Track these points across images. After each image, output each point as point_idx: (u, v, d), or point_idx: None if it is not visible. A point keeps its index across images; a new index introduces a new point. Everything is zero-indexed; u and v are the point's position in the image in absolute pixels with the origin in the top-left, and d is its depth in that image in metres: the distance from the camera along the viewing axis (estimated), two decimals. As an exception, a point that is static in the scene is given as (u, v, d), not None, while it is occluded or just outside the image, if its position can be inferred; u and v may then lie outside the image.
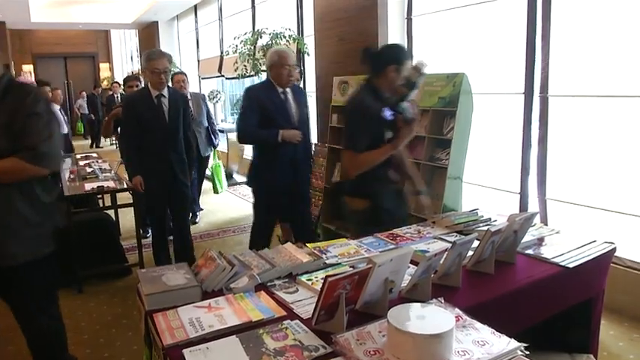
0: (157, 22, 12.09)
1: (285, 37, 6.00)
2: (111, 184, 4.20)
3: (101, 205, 5.66)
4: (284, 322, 1.54)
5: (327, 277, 1.38)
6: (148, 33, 12.62)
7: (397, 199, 2.72)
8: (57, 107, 7.24)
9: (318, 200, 5.16)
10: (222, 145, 7.36)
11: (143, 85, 4.31)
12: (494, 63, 4.23)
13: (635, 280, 3.20)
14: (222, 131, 7.64)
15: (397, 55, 2.63)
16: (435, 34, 4.77)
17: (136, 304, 1.86)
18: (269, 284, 1.84)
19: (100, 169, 4.85)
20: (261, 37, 6.30)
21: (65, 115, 8.73)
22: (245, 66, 6.50)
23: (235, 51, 6.55)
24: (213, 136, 5.83)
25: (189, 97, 4.74)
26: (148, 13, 11.09)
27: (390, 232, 2.41)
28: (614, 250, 2.24)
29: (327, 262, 2.01)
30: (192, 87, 10.77)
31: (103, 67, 17.88)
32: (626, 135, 3.41)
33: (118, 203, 4.85)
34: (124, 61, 17.34)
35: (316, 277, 1.86)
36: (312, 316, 1.49)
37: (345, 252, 2.11)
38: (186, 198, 4.08)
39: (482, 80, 4.08)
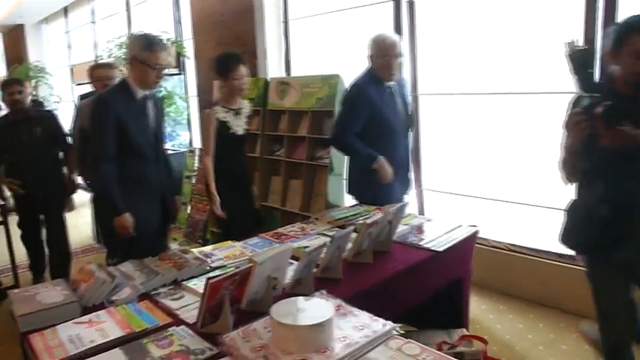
0: (23, 25, 11.13)
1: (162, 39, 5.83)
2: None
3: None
4: (169, 329, 1.53)
5: (207, 279, 1.39)
6: (14, 37, 11.56)
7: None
8: None
9: (205, 205, 5.09)
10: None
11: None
12: (366, 64, 4.44)
13: (499, 258, 3.54)
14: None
15: None
16: (311, 37, 4.92)
17: (13, 327, 1.73)
18: (153, 293, 1.81)
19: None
20: (136, 41, 6.06)
21: None
22: (121, 70, 6.22)
23: (110, 55, 6.25)
24: None
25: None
26: (12, 15, 10.14)
27: (275, 231, 2.46)
28: (477, 232, 2.48)
29: (212, 265, 2.01)
30: (64, 93, 10.12)
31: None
32: (489, 128, 3.76)
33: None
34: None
35: (201, 281, 1.85)
36: (197, 319, 1.50)
37: (230, 254, 2.13)
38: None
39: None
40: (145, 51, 2.54)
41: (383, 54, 2.87)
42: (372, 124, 2.92)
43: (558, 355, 2.78)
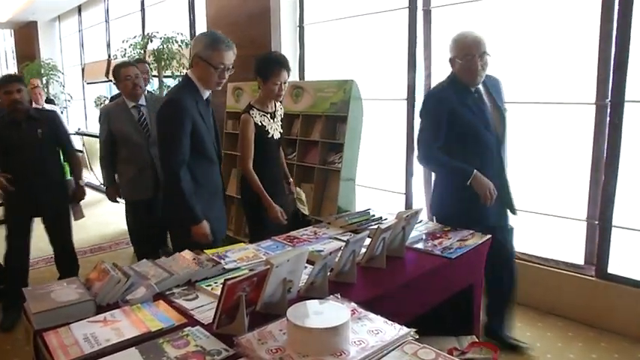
0: (36, 22, 11.22)
1: (177, 41, 5.89)
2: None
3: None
4: (185, 329, 1.54)
5: (225, 280, 1.40)
6: (26, 34, 11.66)
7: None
8: None
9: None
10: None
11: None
12: (380, 71, 4.47)
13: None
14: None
15: None
16: (326, 42, 4.94)
17: (24, 325, 1.75)
18: (167, 293, 1.82)
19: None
20: (151, 41, 6.12)
21: None
22: (149, 64, 6.28)
23: (124, 55, 6.30)
24: None
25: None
26: (24, 12, 10.22)
27: (288, 234, 2.47)
28: (489, 240, 2.47)
29: (226, 267, 2.02)
30: (76, 92, 10.17)
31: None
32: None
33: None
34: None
35: (216, 283, 1.87)
36: (213, 320, 1.51)
37: (243, 256, 2.14)
38: None
39: (371, 87, 4.30)
40: (208, 49, 2.46)
41: (464, 54, 2.52)
42: (456, 137, 2.62)
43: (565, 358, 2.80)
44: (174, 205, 2.53)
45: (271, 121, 3.10)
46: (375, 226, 2.37)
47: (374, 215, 2.70)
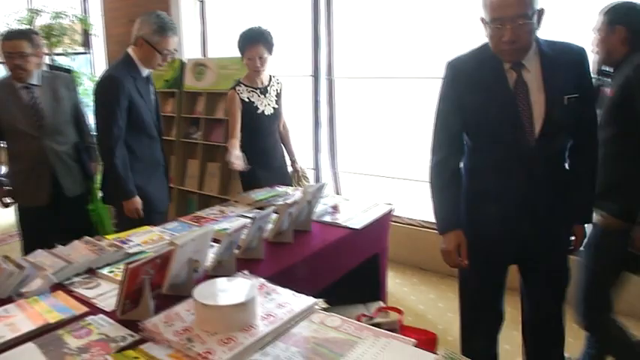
0: None
1: (67, 15, 5.51)
2: None
3: None
4: (86, 318, 1.48)
5: (127, 264, 1.36)
6: None
7: None
8: None
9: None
10: None
11: None
12: (285, 47, 4.45)
13: (412, 235, 3.72)
14: None
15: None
16: (229, 17, 4.83)
17: None
18: (67, 283, 1.73)
19: None
20: (39, 16, 5.67)
21: None
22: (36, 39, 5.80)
23: (9, 31, 5.78)
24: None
25: None
26: None
27: (194, 214, 2.44)
28: (392, 210, 2.59)
29: (129, 251, 1.96)
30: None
31: None
32: (401, 111, 3.91)
33: None
34: None
35: (118, 269, 1.80)
36: (116, 307, 1.46)
37: (148, 239, 2.08)
38: None
39: (276, 63, 4.27)
40: (155, 35, 2.50)
41: (491, 18, 1.69)
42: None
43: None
44: (109, 180, 2.60)
45: (262, 96, 3.05)
46: (282, 202, 2.39)
47: (281, 191, 2.72)
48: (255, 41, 2.93)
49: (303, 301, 1.48)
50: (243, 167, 2.79)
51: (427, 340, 2.50)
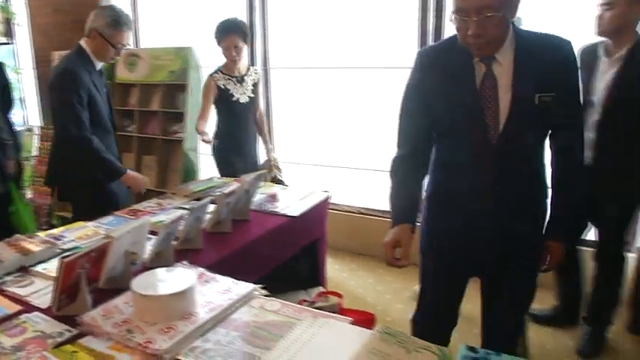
0: None
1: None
2: None
3: None
4: (20, 316, 1.45)
5: (61, 259, 1.35)
6: None
7: None
8: None
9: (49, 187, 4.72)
10: None
11: None
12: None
13: (350, 222, 3.81)
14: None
15: None
16: (162, 8, 4.72)
17: None
18: (-3, 282, 1.69)
19: None
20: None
21: None
22: None
23: None
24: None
25: None
26: None
27: (130, 208, 2.41)
28: (329, 197, 2.66)
29: (63, 247, 1.92)
30: None
31: None
32: (338, 101, 3.98)
33: None
34: None
35: (53, 265, 1.77)
36: (52, 303, 1.44)
37: (82, 235, 2.04)
38: None
39: (210, 54, 4.24)
40: (110, 28, 2.50)
41: (456, 8, 1.52)
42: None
43: (401, 301, 3.13)
44: (92, 165, 2.55)
45: (238, 85, 3.20)
46: (220, 192, 2.41)
47: (219, 182, 2.73)
48: (230, 31, 3.06)
49: (243, 287, 1.52)
50: (209, 140, 3.11)
51: (366, 320, 2.60)
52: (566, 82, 1.62)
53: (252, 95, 3.26)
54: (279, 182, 3.38)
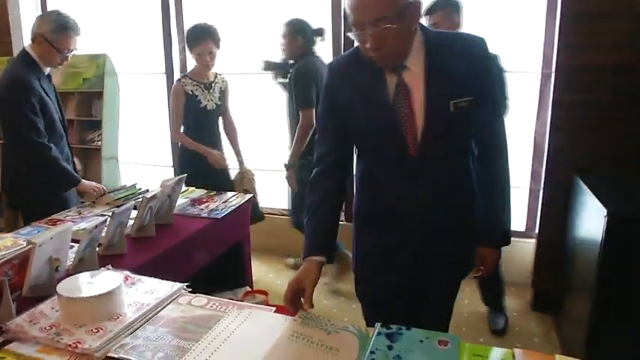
0: None
1: None
2: None
3: None
4: (-62, 329, 1.43)
5: (-17, 267, 1.35)
6: None
7: None
8: None
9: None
10: None
11: None
12: (135, 44, 4.38)
13: (274, 224, 3.90)
14: None
15: None
16: (73, 13, 4.59)
17: None
18: None
19: None
20: None
21: None
22: None
23: None
24: None
25: None
26: None
27: (49, 218, 2.38)
28: (251, 199, 2.75)
29: (-20, 259, 1.88)
30: None
31: None
32: (256, 105, 4.06)
33: None
34: None
35: (-31, 278, 1.74)
36: (-27, 313, 1.43)
37: (1, 246, 2.00)
38: None
39: (126, 62, 4.20)
40: (55, 33, 2.46)
41: (351, 22, 1.46)
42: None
43: (327, 296, 3.29)
44: (48, 173, 2.53)
45: (205, 91, 3.11)
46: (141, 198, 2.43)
47: (140, 189, 2.75)
48: (203, 37, 3.01)
49: (169, 286, 1.58)
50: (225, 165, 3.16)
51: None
52: (482, 82, 1.53)
53: (219, 103, 3.18)
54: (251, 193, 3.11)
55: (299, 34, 3.15)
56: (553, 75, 2.96)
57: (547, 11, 3.13)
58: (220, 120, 3.27)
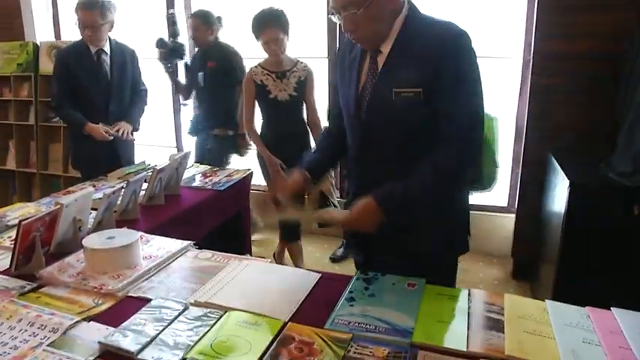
0: None
1: None
2: None
3: None
4: (-21, 280, 1.64)
5: (20, 221, 1.58)
6: None
7: None
8: None
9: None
10: None
11: None
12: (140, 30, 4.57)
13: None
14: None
15: None
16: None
17: None
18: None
19: None
20: None
21: None
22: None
23: None
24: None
25: None
26: None
27: (67, 190, 2.61)
28: (251, 174, 2.98)
29: (8, 224, 2.11)
30: None
31: None
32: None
33: None
34: None
35: (2, 238, 1.97)
36: (11, 263, 1.65)
37: (25, 213, 2.23)
38: None
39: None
40: (75, 11, 2.89)
41: (329, 7, 1.72)
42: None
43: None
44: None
45: (277, 81, 2.95)
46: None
47: (149, 165, 2.97)
48: (268, 24, 2.83)
49: (178, 243, 1.82)
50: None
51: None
52: (443, 75, 1.42)
53: (295, 93, 2.96)
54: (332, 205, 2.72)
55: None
56: (531, 61, 3.16)
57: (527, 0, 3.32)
58: (304, 112, 3.09)
